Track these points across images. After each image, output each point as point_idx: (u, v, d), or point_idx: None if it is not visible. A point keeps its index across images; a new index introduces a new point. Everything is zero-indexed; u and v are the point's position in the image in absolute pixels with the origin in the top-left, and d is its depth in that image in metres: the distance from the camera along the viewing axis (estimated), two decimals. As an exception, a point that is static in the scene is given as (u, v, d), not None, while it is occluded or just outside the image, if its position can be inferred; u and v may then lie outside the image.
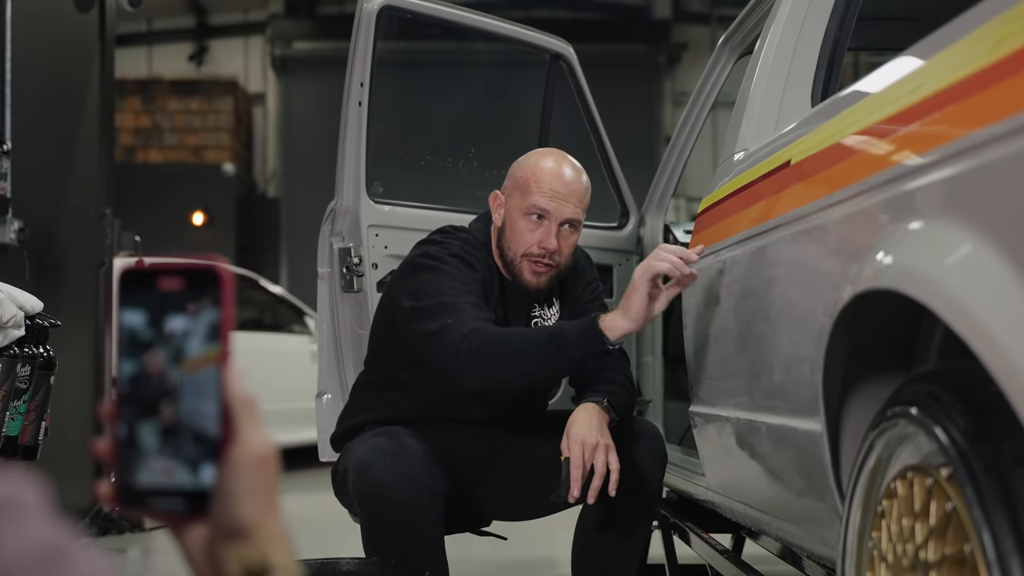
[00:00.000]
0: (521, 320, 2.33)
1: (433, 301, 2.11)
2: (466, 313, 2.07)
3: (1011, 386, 0.96)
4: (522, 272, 2.26)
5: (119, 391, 0.71)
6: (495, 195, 2.32)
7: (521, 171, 2.27)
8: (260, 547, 0.70)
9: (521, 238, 2.24)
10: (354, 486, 2.06)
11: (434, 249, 2.23)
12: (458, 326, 2.04)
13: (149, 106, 10.94)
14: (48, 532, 0.58)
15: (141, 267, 0.71)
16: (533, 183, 2.23)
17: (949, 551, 1.10)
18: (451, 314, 2.07)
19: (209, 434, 0.70)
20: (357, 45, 2.68)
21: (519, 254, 2.25)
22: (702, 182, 2.40)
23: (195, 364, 0.70)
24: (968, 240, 1.06)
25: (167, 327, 0.71)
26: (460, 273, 2.18)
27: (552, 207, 2.21)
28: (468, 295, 2.14)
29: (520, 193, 2.24)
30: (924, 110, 1.21)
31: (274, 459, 0.72)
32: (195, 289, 0.71)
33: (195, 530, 0.72)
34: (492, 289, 2.28)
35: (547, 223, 2.22)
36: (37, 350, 2.56)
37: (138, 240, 4.76)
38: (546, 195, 2.21)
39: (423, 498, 2.02)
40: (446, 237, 2.29)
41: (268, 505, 0.71)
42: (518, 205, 2.24)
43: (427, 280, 2.15)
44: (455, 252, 2.22)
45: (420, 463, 2.04)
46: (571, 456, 2.04)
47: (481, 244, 2.31)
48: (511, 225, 2.26)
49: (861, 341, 1.43)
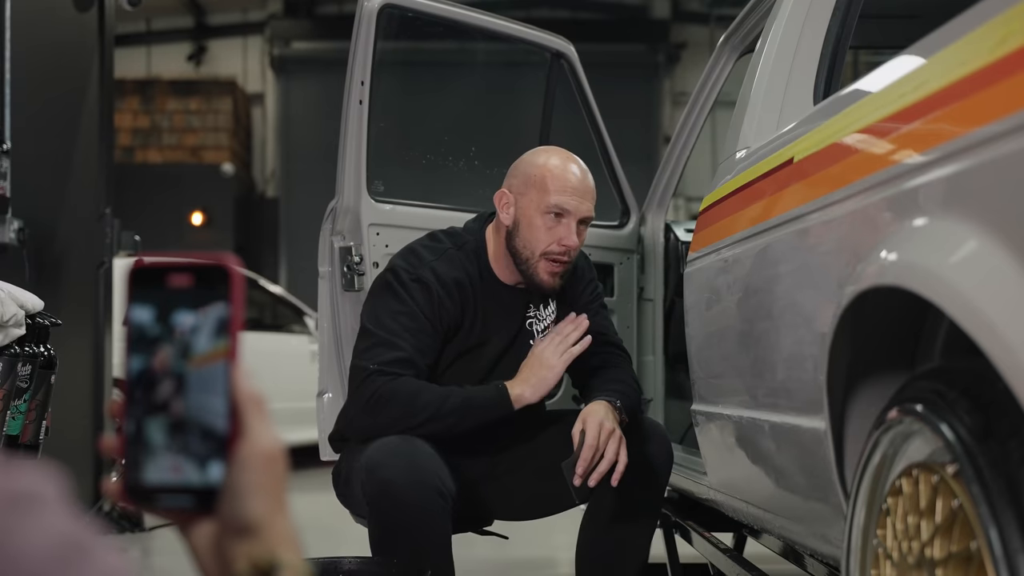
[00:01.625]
0: (515, 322, 2.33)
1: (375, 334, 2.17)
2: (400, 365, 2.13)
3: (1018, 382, 0.96)
4: (538, 272, 2.25)
5: (127, 387, 0.70)
6: (502, 194, 2.30)
7: (534, 169, 2.26)
8: (268, 544, 0.70)
9: (539, 236, 2.23)
10: (363, 486, 2.06)
11: (403, 269, 2.23)
12: (379, 385, 2.10)
13: (148, 106, 10.94)
14: (68, 526, 0.57)
15: (151, 264, 0.71)
16: (551, 180, 2.22)
17: (955, 548, 1.10)
18: (378, 356, 2.13)
19: (217, 430, 0.70)
20: (358, 43, 2.67)
21: (537, 253, 2.24)
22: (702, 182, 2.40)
23: (203, 360, 0.70)
24: (974, 236, 1.06)
25: (175, 323, 0.71)
26: (416, 304, 2.19)
27: (572, 205, 2.22)
28: (417, 335, 2.17)
29: (536, 191, 2.23)
30: (927, 108, 1.21)
31: (283, 456, 0.72)
32: (204, 286, 0.71)
33: (203, 527, 0.71)
34: (469, 304, 2.27)
35: (567, 221, 2.22)
36: (38, 349, 2.56)
37: (138, 240, 4.76)
38: (566, 192, 2.22)
39: (433, 499, 2.02)
40: (425, 249, 2.30)
41: (276, 502, 0.71)
42: (535, 203, 2.23)
43: (386, 308, 2.20)
44: (419, 276, 2.22)
45: (430, 463, 2.04)
46: (587, 433, 2.04)
47: (470, 251, 2.31)
48: (527, 224, 2.24)
49: (865, 338, 1.43)
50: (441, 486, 2.04)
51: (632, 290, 3.18)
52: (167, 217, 10.37)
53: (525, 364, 2.20)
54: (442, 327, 2.23)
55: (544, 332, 2.37)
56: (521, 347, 2.33)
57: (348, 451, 2.26)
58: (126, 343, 0.71)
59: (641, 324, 3.20)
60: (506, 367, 2.29)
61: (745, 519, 2.18)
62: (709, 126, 8.90)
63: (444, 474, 2.06)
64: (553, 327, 2.35)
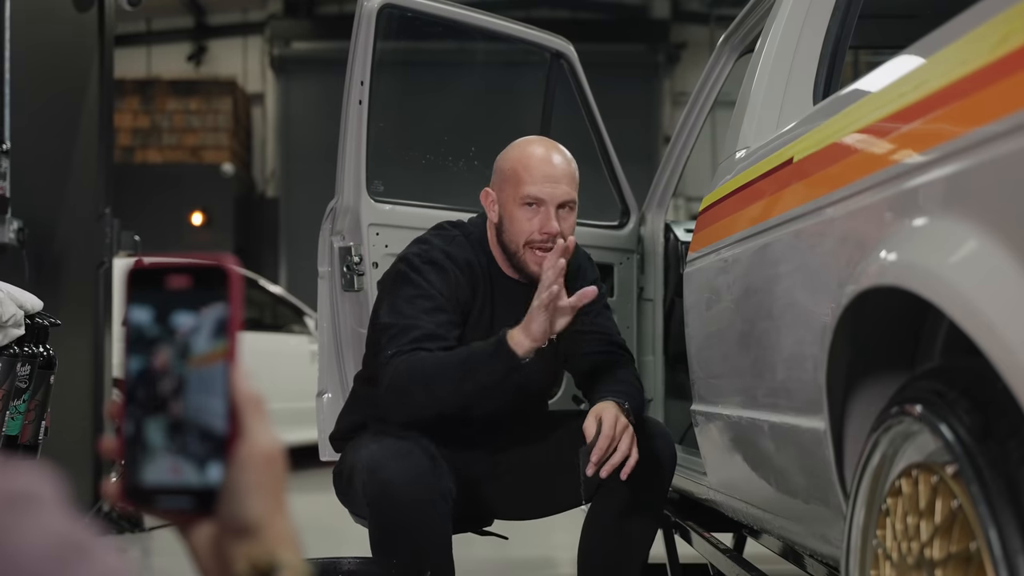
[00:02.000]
0: (521, 315, 2.33)
1: (397, 324, 2.15)
2: (418, 342, 2.10)
3: (1017, 382, 0.96)
4: (526, 263, 2.26)
5: (126, 388, 0.70)
6: (486, 192, 2.32)
7: (507, 163, 2.28)
8: (267, 545, 0.70)
9: (520, 228, 2.24)
10: (364, 487, 2.06)
11: (415, 252, 2.25)
12: (396, 364, 2.09)
13: (148, 106, 10.94)
14: (66, 527, 0.57)
15: (150, 265, 0.71)
16: (523, 172, 2.24)
17: (955, 549, 1.10)
18: (403, 342, 2.11)
19: (216, 431, 0.70)
20: (357, 43, 2.67)
21: (521, 244, 2.25)
22: (702, 182, 2.40)
23: (202, 360, 0.70)
24: (973, 236, 1.06)
25: (174, 324, 0.71)
26: (432, 285, 2.19)
27: (546, 192, 2.22)
28: (435, 314, 2.16)
29: (511, 185, 2.25)
30: (926, 107, 1.21)
31: (282, 457, 0.72)
32: (203, 287, 0.71)
33: (202, 528, 0.71)
34: (480, 288, 2.28)
35: (544, 208, 2.23)
36: (37, 349, 2.56)
37: (138, 240, 4.75)
38: (538, 182, 2.22)
39: (433, 499, 2.02)
40: (435, 236, 2.32)
41: (276, 503, 0.71)
42: (511, 196, 2.25)
43: (401, 295, 2.19)
44: (432, 258, 2.22)
45: (430, 464, 2.04)
46: (604, 423, 2.03)
47: (476, 241, 2.32)
48: (508, 217, 2.26)
49: (864, 338, 1.43)
50: (441, 487, 2.04)
51: (632, 290, 3.18)
52: (167, 217, 10.37)
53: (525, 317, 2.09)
54: (460, 307, 2.23)
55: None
56: None
57: (349, 450, 2.26)
58: (125, 344, 0.70)
59: (641, 324, 3.20)
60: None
61: (745, 519, 2.18)
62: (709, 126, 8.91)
63: (445, 475, 2.06)
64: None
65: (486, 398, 2.11)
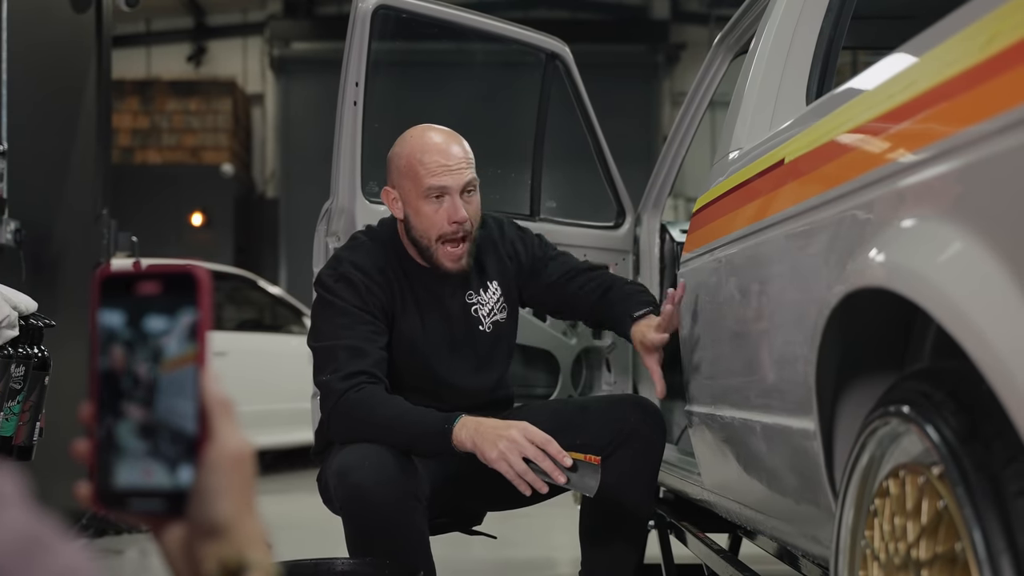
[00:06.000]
0: (456, 308, 2.34)
1: (321, 347, 2.18)
2: (344, 365, 2.12)
3: (1002, 384, 0.96)
4: (440, 260, 2.26)
5: (97, 392, 0.71)
6: (386, 191, 2.31)
7: (401, 159, 2.26)
8: (237, 545, 0.70)
9: (430, 222, 2.23)
10: (335, 491, 2.06)
11: (327, 273, 2.26)
12: (332, 385, 2.11)
13: (147, 107, 10.94)
14: (27, 523, 0.57)
15: (117, 273, 0.72)
16: (419, 165, 2.22)
17: (940, 549, 1.10)
18: (332, 364, 2.13)
19: (187, 433, 0.71)
20: (352, 45, 2.68)
21: (433, 239, 2.25)
22: (701, 182, 2.40)
23: (172, 364, 0.71)
24: (960, 238, 1.06)
25: (145, 328, 0.71)
26: (346, 301, 2.19)
27: (448, 181, 2.22)
28: (354, 327, 2.17)
29: (410, 180, 2.24)
30: (916, 107, 1.20)
31: (250, 459, 0.73)
32: (173, 293, 0.72)
33: (173, 530, 0.72)
34: (396, 288, 2.28)
35: (449, 197, 2.22)
36: (32, 350, 2.55)
37: (135, 240, 4.75)
38: (438, 172, 2.21)
39: (404, 499, 2.01)
40: (344, 249, 2.33)
41: (245, 504, 0.71)
42: (413, 192, 2.23)
43: (320, 317, 2.23)
44: (341, 274, 2.23)
45: (400, 465, 2.03)
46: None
47: (386, 242, 2.32)
48: (415, 213, 2.25)
49: (854, 339, 1.43)
50: (413, 486, 2.04)
51: (628, 291, 3.17)
52: (167, 218, 10.38)
53: (501, 420, 2.07)
54: (380, 314, 2.23)
55: (491, 314, 2.37)
56: (471, 334, 2.34)
57: (328, 458, 2.27)
58: (93, 348, 0.71)
59: (637, 325, 3.19)
60: (465, 358, 2.32)
61: (739, 520, 2.18)
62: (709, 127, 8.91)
63: (415, 474, 2.06)
64: (502, 307, 2.38)
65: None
